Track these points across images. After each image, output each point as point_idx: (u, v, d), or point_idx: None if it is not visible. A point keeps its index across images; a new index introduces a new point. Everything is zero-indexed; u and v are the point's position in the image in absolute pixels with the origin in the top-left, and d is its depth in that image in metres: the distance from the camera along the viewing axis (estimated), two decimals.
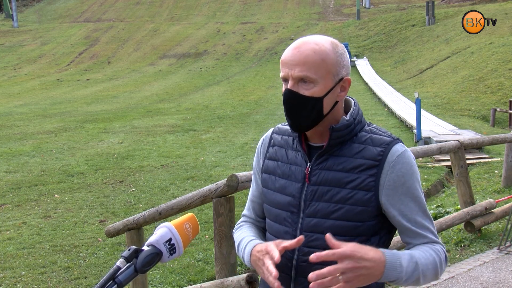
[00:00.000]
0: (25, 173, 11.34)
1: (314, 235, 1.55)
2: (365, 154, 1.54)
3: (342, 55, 1.55)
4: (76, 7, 63.06)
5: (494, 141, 7.26)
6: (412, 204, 1.54)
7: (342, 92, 1.57)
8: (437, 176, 10.46)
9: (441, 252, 1.55)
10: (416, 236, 1.56)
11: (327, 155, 1.57)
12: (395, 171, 1.52)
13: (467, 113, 19.10)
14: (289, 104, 1.54)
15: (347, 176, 1.54)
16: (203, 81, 32.77)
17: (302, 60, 1.50)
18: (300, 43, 1.54)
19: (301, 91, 1.51)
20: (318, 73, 1.50)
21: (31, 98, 28.26)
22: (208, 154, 12.89)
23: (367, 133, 1.59)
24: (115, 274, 1.33)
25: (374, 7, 53.10)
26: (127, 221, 4.27)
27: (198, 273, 6.10)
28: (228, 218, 3.39)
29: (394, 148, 1.54)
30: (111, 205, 9.11)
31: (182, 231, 1.45)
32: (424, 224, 1.56)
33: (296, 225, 1.59)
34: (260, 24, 50.69)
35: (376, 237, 1.57)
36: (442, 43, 33.16)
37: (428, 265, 1.49)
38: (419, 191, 1.56)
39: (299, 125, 1.55)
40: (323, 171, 1.57)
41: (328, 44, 1.53)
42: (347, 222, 1.53)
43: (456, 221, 5.47)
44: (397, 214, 1.54)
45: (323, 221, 1.55)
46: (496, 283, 4.67)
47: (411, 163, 1.55)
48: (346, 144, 1.56)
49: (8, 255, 6.94)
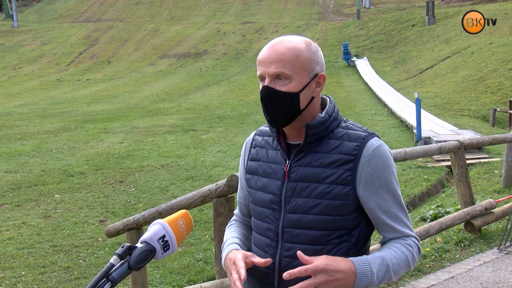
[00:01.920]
0: (25, 173, 11.34)
1: (295, 231, 1.60)
2: (342, 149, 1.58)
3: (315, 53, 1.61)
4: (76, 7, 63.04)
5: (494, 141, 7.25)
6: (388, 197, 1.59)
7: (317, 88, 1.63)
8: (437, 176, 10.47)
9: (413, 246, 1.61)
10: (390, 230, 1.61)
11: (305, 152, 1.62)
12: (371, 165, 1.56)
13: (467, 113, 19.10)
14: (267, 100, 1.59)
15: (325, 171, 1.58)
16: (203, 81, 32.76)
17: (277, 58, 1.56)
18: (275, 42, 1.60)
19: (278, 87, 1.57)
20: (293, 69, 1.56)
21: (31, 98, 28.26)
22: (208, 154, 12.89)
23: (344, 129, 1.63)
24: (108, 271, 1.33)
25: (374, 7, 53.08)
26: (127, 221, 4.27)
27: (198, 273, 6.11)
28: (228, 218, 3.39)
29: (370, 142, 1.58)
30: (111, 205, 9.11)
31: (175, 227, 1.44)
32: (399, 216, 1.60)
33: (278, 222, 1.64)
34: (260, 24, 50.68)
35: (356, 230, 1.61)
36: (442, 43, 33.15)
37: (400, 264, 1.56)
38: (395, 184, 1.61)
39: (277, 120, 1.60)
40: (302, 168, 1.61)
41: (302, 43, 1.60)
42: (326, 217, 1.57)
43: (456, 221, 5.47)
44: (374, 206, 1.58)
45: (303, 216, 1.59)
46: (496, 283, 4.67)
47: (386, 156, 1.59)
48: (323, 141, 1.61)
49: (8, 255, 6.94)
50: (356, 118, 17.78)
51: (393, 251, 1.56)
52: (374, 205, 1.58)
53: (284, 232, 1.62)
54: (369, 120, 17.36)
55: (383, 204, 1.58)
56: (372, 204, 1.58)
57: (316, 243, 1.58)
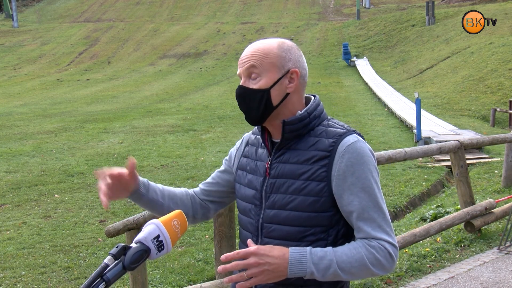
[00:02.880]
0: (25, 173, 11.34)
1: (272, 226, 1.64)
2: (319, 146, 1.60)
3: (288, 50, 1.64)
4: (76, 7, 63.04)
5: (494, 141, 7.26)
6: (362, 195, 1.54)
7: (290, 84, 1.64)
8: (437, 176, 10.47)
9: (379, 249, 1.52)
10: (359, 230, 1.55)
11: (285, 149, 1.65)
12: (344, 161, 1.55)
13: (467, 113, 19.10)
14: (239, 98, 1.66)
15: (301, 167, 1.60)
16: (203, 81, 32.76)
17: (248, 57, 1.63)
18: (252, 44, 1.68)
19: (250, 86, 1.63)
20: (262, 66, 1.61)
21: (31, 98, 28.25)
22: (208, 154, 12.90)
23: (324, 126, 1.65)
24: (103, 271, 1.33)
25: (374, 7, 53.08)
26: (127, 221, 4.27)
27: (198, 273, 6.11)
28: (228, 218, 3.40)
29: (346, 139, 1.58)
30: (111, 205, 9.11)
31: (170, 227, 1.45)
32: (372, 216, 1.54)
33: (258, 217, 1.68)
34: (260, 24, 50.68)
35: (334, 228, 1.60)
36: (442, 43, 33.15)
37: (352, 263, 1.50)
38: (371, 181, 1.55)
39: (251, 117, 1.65)
40: (281, 164, 1.65)
41: (274, 42, 1.66)
42: (301, 213, 1.59)
43: (456, 221, 5.47)
44: (345, 203, 1.56)
45: (280, 212, 1.62)
46: (496, 283, 4.67)
47: (362, 153, 1.56)
48: (302, 138, 1.64)
49: (8, 255, 6.94)
50: (356, 118, 17.79)
51: (347, 249, 1.52)
52: (346, 202, 1.55)
53: (263, 227, 1.66)
54: (369, 120, 17.36)
55: (356, 202, 1.54)
56: (344, 201, 1.55)
57: (292, 239, 1.59)
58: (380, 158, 4.64)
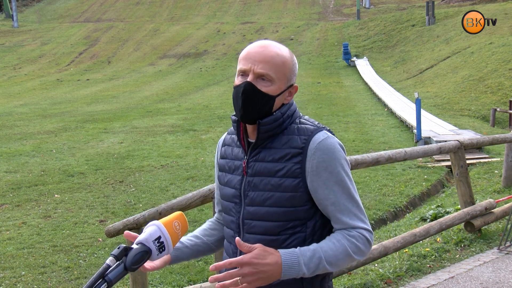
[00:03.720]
0: (25, 173, 11.34)
1: (253, 222, 1.71)
2: (291, 143, 1.67)
3: (295, 65, 1.74)
4: (76, 7, 63.03)
5: (494, 141, 7.26)
6: (336, 188, 1.64)
7: (289, 97, 1.74)
8: (437, 176, 10.47)
9: (358, 237, 1.63)
10: (337, 221, 1.66)
11: (260, 148, 1.72)
12: (316, 157, 1.64)
13: (467, 113, 19.10)
14: (246, 95, 1.67)
15: (277, 165, 1.67)
16: (203, 81, 32.75)
17: (266, 59, 1.66)
18: (265, 44, 1.71)
19: (259, 87, 1.66)
20: (277, 74, 1.67)
21: (31, 98, 28.25)
22: (208, 154, 12.90)
23: (296, 124, 1.72)
24: (104, 272, 1.34)
25: (374, 7, 53.07)
26: (127, 221, 4.27)
27: (198, 273, 6.11)
28: None
29: (317, 135, 1.66)
30: (111, 205, 9.11)
31: (171, 229, 1.46)
32: (347, 207, 1.65)
33: (239, 214, 1.75)
34: (260, 24, 50.67)
35: (311, 221, 1.68)
36: (442, 43, 33.15)
37: (337, 256, 1.60)
38: (344, 175, 1.65)
39: (249, 117, 1.69)
40: (257, 163, 1.71)
41: (287, 52, 1.73)
42: (279, 208, 1.66)
43: (456, 221, 5.47)
44: (322, 198, 1.65)
45: (259, 208, 1.69)
46: (496, 283, 4.67)
47: (333, 149, 1.65)
48: (277, 137, 1.71)
49: (8, 255, 6.94)
50: (356, 118, 17.79)
51: (331, 243, 1.61)
52: (322, 196, 1.64)
53: (244, 224, 1.72)
54: (369, 120, 17.36)
55: (331, 195, 1.64)
56: (320, 196, 1.64)
57: (271, 233, 1.67)
58: (380, 158, 4.64)
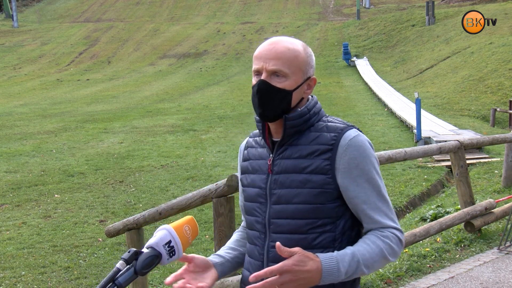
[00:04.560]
0: (25, 173, 11.34)
1: (280, 221, 1.66)
2: (320, 140, 1.65)
3: (310, 56, 1.71)
4: (76, 7, 63.02)
5: (494, 141, 7.26)
6: (367, 186, 1.62)
7: (308, 90, 1.71)
8: (437, 176, 10.47)
9: (392, 237, 1.61)
10: (368, 220, 1.63)
11: (286, 145, 1.69)
12: (348, 154, 1.61)
13: (467, 113, 19.10)
14: (261, 93, 1.65)
15: (304, 162, 1.64)
16: (203, 81, 32.75)
17: (277, 55, 1.63)
18: (275, 40, 1.68)
19: (274, 83, 1.64)
20: (291, 68, 1.64)
21: (31, 98, 28.25)
22: (208, 154, 12.90)
23: (324, 122, 1.70)
24: (115, 276, 1.34)
25: (374, 7, 53.06)
26: (127, 221, 4.27)
27: None
28: (228, 218, 3.39)
29: (347, 133, 1.64)
30: (111, 205, 9.11)
31: (181, 233, 1.45)
32: (378, 205, 1.62)
33: (264, 214, 1.70)
34: (260, 24, 50.67)
35: (341, 220, 1.65)
36: (442, 43, 33.15)
37: (374, 258, 1.57)
38: (374, 173, 1.63)
39: (268, 114, 1.67)
40: (283, 160, 1.68)
41: (300, 45, 1.69)
42: (308, 205, 1.62)
43: (456, 221, 5.47)
44: (353, 196, 1.62)
45: (287, 206, 1.65)
46: (496, 283, 4.67)
47: (364, 146, 1.63)
48: (303, 134, 1.68)
49: (8, 255, 6.94)
50: (356, 118, 17.79)
51: (366, 245, 1.58)
52: (353, 194, 1.62)
53: (270, 223, 1.68)
54: (369, 120, 17.36)
55: (362, 193, 1.61)
56: (351, 193, 1.62)
57: (300, 232, 1.63)
58: (380, 158, 4.64)
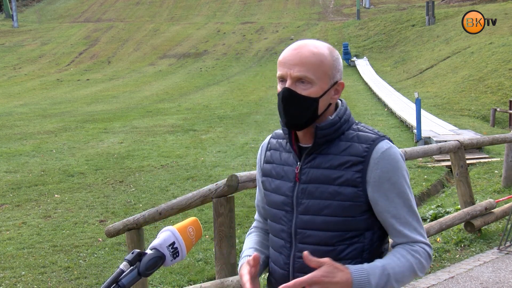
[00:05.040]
0: (25, 173, 11.33)
1: (307, 232, 1.62)
2: (351, 151, 1.59)
3: (337, 60, 1.63)
4: (76, 7, 63.02)
5: (494, 141, 7.26)
6: (398, 200, 1.58)
7: (335, 95, 1.64)
8: (437, 176, 10.46)
9: (421, 252, 1.59)
10: (398, 234, 1.60)
11: (315, 154, 1.64)
12: (380, 167, 1.57)
13: (467, 113, 19.10)
14: (286, 102, 1.59)
15: (335, 173, 1.59)
16: (203, 81, 32.75)
17: (301, 61, 1.56)
18: (300, 45, 1.61)
19: (299, 91, 1.58)
20: (316, 74, 1.57)
21: (31, 98, 28.25)
22: (208, 154, 12.89)
23: (354, 131, 1.64)
24: (118, 277, 1.33)
25: (374, 7, 53.07)
26: (127, 221, 4.27)
27: (198, 273, 6.11)
28: (228, 218, 3.39)
29: (380, 145, 1.59)
30: (111, 205, 9.11)
31: (185, 235, 1.45)
32: (408, 220, 1.59)
33: (290, 223, 1.66)
34: (260, 24, 50.67)
35: (369, 232, 1.61)
36: (442, 43, 33.14)
37: (404, 272, 1.55)
38: (406, 187, 1.60)
39: (295, 123, 1.61)
40: (312, 169, 1.63)
41: (326, 48, 1.62)
42: (337, 218, 1.58)
43: (456, 221, 5.47)
44: (383, 210, 1.58)
45: (315, 217, 1.61)
46: (496, 283, 4.67)
47: (396, 159, 1.59)
48: (333, 143, 1.62)
49: (8, 255, 6.94)
50: (356, 118, 17.49)
51: (397, 259, 1.56)
52: (383, 208, 1.58)
53: (297, 233, 1.64)
54: (369, 120, 17.35)
55: (392, 207, 1.58)
56: (381, 207, 1.58)
57: (328, 244, 1.60)
58: None
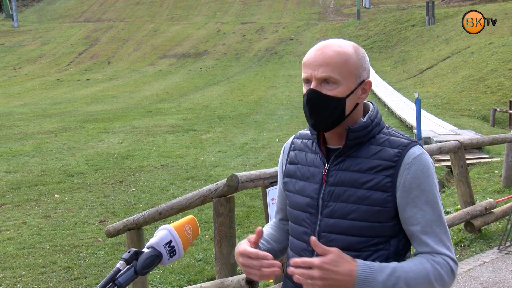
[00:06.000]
0: (25, 173, 11.34)
1: (332, 236, 1.58)
2: (382, 155, 1.55)
3: (363, 58, 1.58)
4: (76, 7, 63.03)
5: (494, 141, 7.26)
6: (426, 208, 1.53)
7: (363, 94, 1.60)
8: (437, 176, 10.45)
9: (443, 265, 1.51)
10: (421, 243, 1.54)
11: (344, 156, 1.59)
12: (411, 173, 1.52)
13: (467, 113, 19.10)
14: (312, 103, 1.55)
15: (364, 176, 1.55)
16: (203, 81, 32.76)
17: (326, 61, 1.53)
18: (324, 45, 1.57)
19: (324, 91, 1.54)
20: (342, 74, 1.53)
21: (31, 98, 28.25)
22: (208, 154, 12.90)
23: (386, 135, 1.59)
24: (115, 276, 1.33)
25: (374, 7, 53.08)
26: (127, 221, 4.27)
27: (198, 273, 6.11)
28: (228, 218, 3.39)
29: (412, 150, 1.54)
30: (111, 205, 9.11)
31: (182, 233, 1.44)
32: (435, 230, 1.53)
33: (314, 226, 1.61)
34: (260, 24, 50.68)
35: (395, 239, 1.57)
36: (442, 43, 33.15)
37: (417, 279, 1.47)
38: (436, 196, 1.54)
39: (321, 125, 1.57)
40: (340, 172, 1.58)
41: (351, 47, 1.57)
42: (364, 223, 1.54)
43: (456, 221, 5.47)
44: (409, 216, 1.53)
45: (340, 221, 1.56)
46: (496, 283, 4.67)
47: (428, 166, 1.54)
48: (364, 146, 1.58)
49: (8, 255, 6.94)
50: None
51: (412, 264, 1.50)
52: (410, 214, 1.53)
53: (321, 236, 1.59)
54: None
55: (419, 215, 1.52)
56: (407, 213, 1.53)
57: (353, 249, 1.55)
58: None
